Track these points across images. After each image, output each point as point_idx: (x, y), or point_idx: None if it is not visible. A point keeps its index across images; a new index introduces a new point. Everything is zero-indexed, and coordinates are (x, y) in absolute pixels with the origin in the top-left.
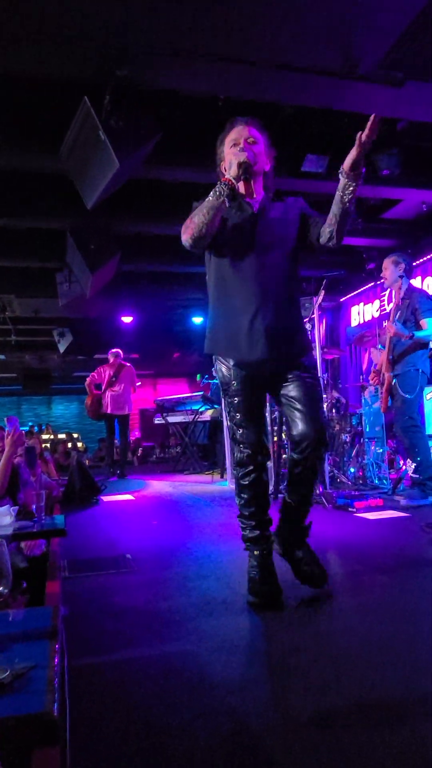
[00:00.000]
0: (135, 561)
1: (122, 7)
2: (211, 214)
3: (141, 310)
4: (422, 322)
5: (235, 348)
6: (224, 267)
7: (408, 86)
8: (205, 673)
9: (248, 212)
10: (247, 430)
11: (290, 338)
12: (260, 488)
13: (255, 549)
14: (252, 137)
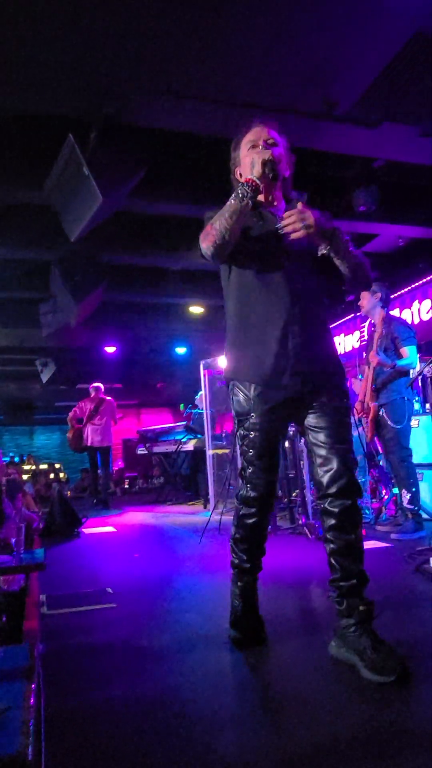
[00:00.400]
0: (116, 595)
1: (110, 48)
2: (234, 218)
3: (125, 340)
4: (402, 351)
5: (263, 372)
6: (248, 281)
7: (383, 127)
8: (186, 711)
9: (272, 221)
10: (259, 471)
11: (325, 358)
12: (258, 530)
13: (240, 579)
14: (272, 138)
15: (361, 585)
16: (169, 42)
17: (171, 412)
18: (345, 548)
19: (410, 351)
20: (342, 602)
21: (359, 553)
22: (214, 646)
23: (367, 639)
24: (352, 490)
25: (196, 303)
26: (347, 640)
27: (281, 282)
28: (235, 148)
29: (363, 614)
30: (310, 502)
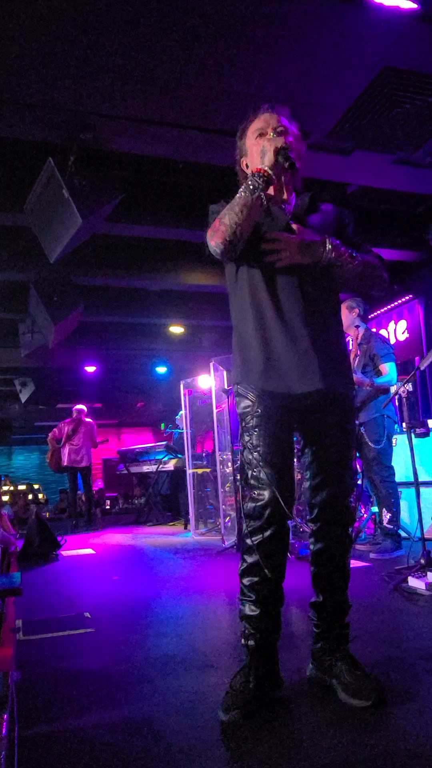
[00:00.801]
0: (94, 619)
1: (86, 78)
2: (245, 213)
3: (104, 359)
4: (382, 368)
5: (275, 377)
6: (257, 281)
7: (355, 154)
8: (162, 738)
9: (283, 217)
10: (266, 472)
11: (336, 365)
12: (272, 553)
13: (251, 636)
14: (282, 126)
15: (343, 613)
16: (145, 71)
17: (152, 431)
18: (330, 575)
19: (389, 368)
20: (320, 627)
21: (345, 580)
22: (192, 671)
23: (343, 663)
24: (345, 520)
25: (176, 323)
26: (324, 664)
27: (292, 283)
28: (240, 137)
29: (339, 638)
30: (290, 522)
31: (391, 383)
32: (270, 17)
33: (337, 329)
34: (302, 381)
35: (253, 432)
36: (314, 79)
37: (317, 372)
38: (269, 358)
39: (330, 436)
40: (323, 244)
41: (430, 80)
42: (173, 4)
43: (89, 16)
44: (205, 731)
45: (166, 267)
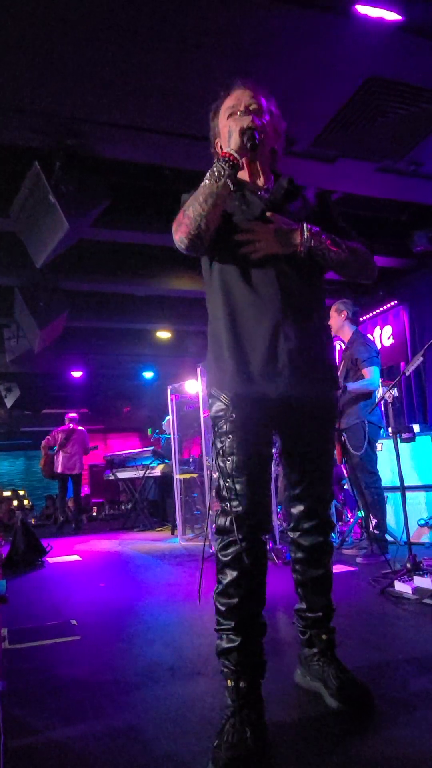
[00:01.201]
0: (80, 627)
1: (72, 85)
2: (210, 202)
3: (91, 365)
4: (364, 372)
5: (249, 381)
6: (232, 277)
7: (340, 162)
8: (151, 748)
9: (258, 204)
10: (240, 482)
11: (320, 366)
12: (250, 571)
13: (231, 677)
14: (255, 103)
15: (327, 617)
16: (134, 79)
17: (138, 436)
18: (312, 581)
19: (372, 372)
20: (306, 632)
21: (327, 585)
22: (179, 679)
23: (330, 667)
24: (325, 529)
25: (163, 328)
26: (311, 669)
27: (271, 278)
28: (213, 116)
29: (326, 643)
30: (278, 527)
31: (373, 387)
32: (257, 27)
33: (320, 327)
34: (278, 385)
35: (227, 438)
36: (300, 88)
37: (294, 375)
38: (242, 359)
39: (309, 445)
40: (301, 231)
41: (413, 90)
42: (162, 15)
43: (78, 24)
44: (194, 739)
45: (153, 272)
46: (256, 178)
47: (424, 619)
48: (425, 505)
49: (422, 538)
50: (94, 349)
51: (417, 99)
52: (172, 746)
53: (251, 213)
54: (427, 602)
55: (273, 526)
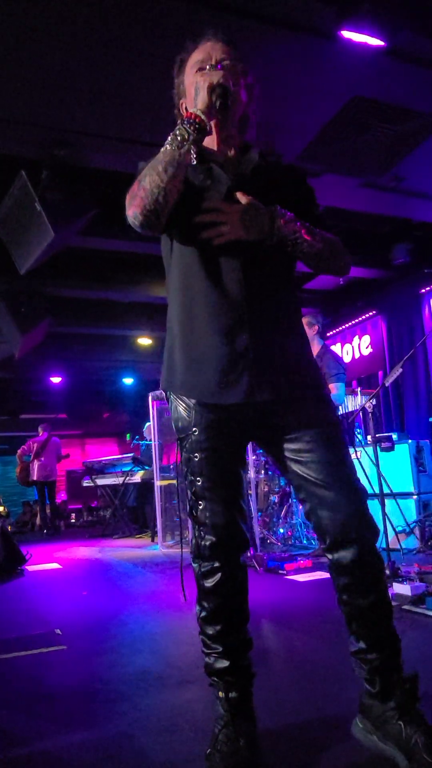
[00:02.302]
0: (65, 636)
1: (61, 97)
2: (171, 172)
3: (71, 370)
4: (331, 387)
5: (203, 384)
6: (192, 263)
7: (325, 177)
8: (143, 757)
9: (224, 180)
10: (214, 504)
11: (296, 362)
12: (231, 595)
13: (222, 689)
14: (228, 58)
15: (396, 654)
16: (122, 92)
17: (116, 442)
18: (369, 611)
19: (339, 387)
20: (374, 681)
21: (388, 612)
22: (169, 687)
23: (417, 732)
24: (369, 533)
25: (144, 335)
26: (385, 729)
27: (236, 265)
28: (178, 73)
29: (407, 695)
30: (258, 534)
31: (338, 401)
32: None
33: (294, 322)
34: (248, 384)
35: (193, 457)
36: (287, 104)
37: (267, 372)
38: (195, 360)
39: (312, 440)
40: (271, 216)
41: (395, 110)
42: (150, 32)
43: (67, 37)
44: (186, 746)
45: (136, 280)
46: (225, 147)
47: (404, 624)
48: (403, 511)
49: (400, 544)
50: (75, 354)
51: (399, 118)
52: (166, 753)
53: (217, 190)
54: (406, 608)
55: (254, 533)
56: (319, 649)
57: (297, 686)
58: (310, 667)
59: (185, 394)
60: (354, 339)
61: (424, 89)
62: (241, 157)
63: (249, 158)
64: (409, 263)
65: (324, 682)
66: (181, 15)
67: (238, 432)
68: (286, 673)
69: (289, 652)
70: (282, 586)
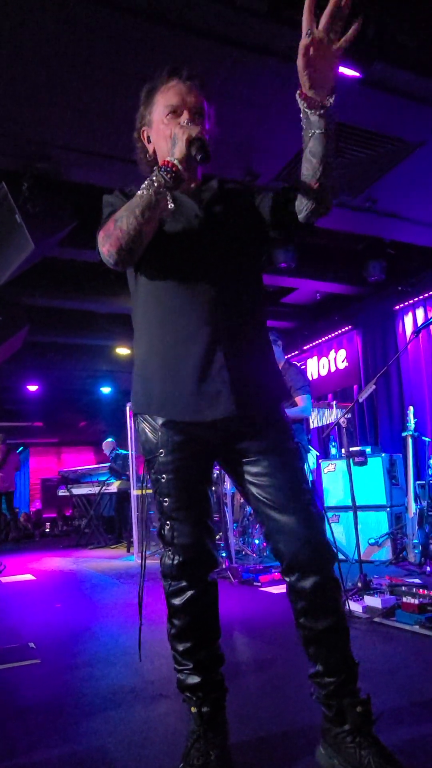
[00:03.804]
0: (39, 650)
1: (43, 111)
2: (147, 216)
3: (48, 379)
4: (297, 399)
5: (177, 404)
6: (159, 287)
7: None
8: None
9: (190, 207)
10: (182, 524)
11: (261, 384)
12: (201, 613)
13: (194, 704)
14: (200, 107)
15: (352, 679)
16: (102, 109)
17: (93, 451)
18: (324, 635)
19: (305, 399)
20: (331, 706)
21: (344, 637)
22: (142, 700)
23: (369, 752)
24: (325, 559)
25: (123, 345)
26: (342, 752)
27: (204, 288)
28: (146, 102)
29: (361, 718)
30: (233, 545)
31: (305, 413)
32: (225, 71)
33: (262, 343)
34: (213, 407)
35: (160, 478)
36: (265, 127)
37: (235, 395)
38: (173, 382)
39: (272, 465)
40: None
41: (370, 135)
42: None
43: (50, 55)
44: (158, 760)
45: (115, 291)
46: (189, 182)
47: (374, 637)
48: (375, 524)
49: (372, 556)
50: (52, 363)
51: (373, 143)
52: (139, 767)
53: (183, 215)
54: (377, 621)
55: (230, 544)
56: (291, 662)
57: (269, 698)
58: (282, 680)
59: (163, 415)
60: (330, 353)
61: (397, 116)
62: (203, 187)
63: (209, 187)
64: (384, 281)
65: (296, 694)
66: (162, 39)
67: (203, 453)
68: (258, 685)
69: (261, 665)
70: (256, 598)
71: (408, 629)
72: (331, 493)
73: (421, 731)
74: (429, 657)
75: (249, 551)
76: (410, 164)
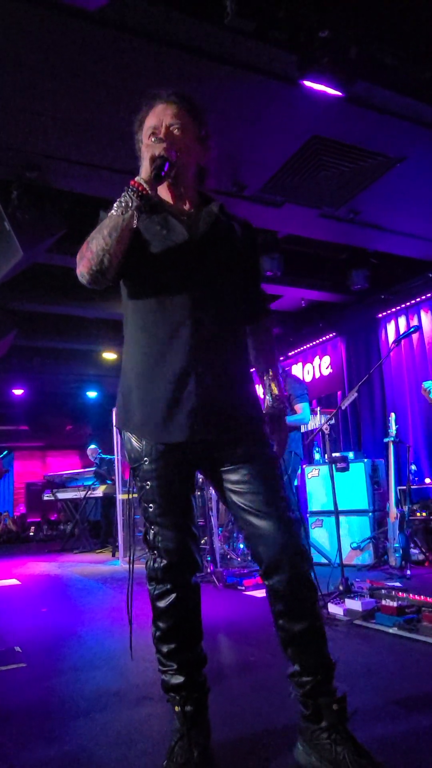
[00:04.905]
0: (25, 654)
1: (33, 122)
2: (115, 236)
3: (34, 383)
4: (296, 407)
5: (154, 427)
6: (146, 306)
7: (286, 207)
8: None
9: (179, 231)
10: (166, 530)
11: (240, 402)
12: (185, 615)
13: (177, 703)
14: (176, 123)
15: (328, 678)
16: (91, 120)
17: (79, 455)
18: (301, 637)
19: (303, 408)
20: (308, 704)
21: (320, 638)
22: (126, 703)
23: (344, 748)
24: (300, 564)
25: (109, 349)
26: (319, 749)
27: (186, 311)
28: (138, 129)
29: (336, 715)
30: (218, 549)
31: (304, 421)
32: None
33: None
34: (193, 421)
35: (145, 485)
36: (251, 140)
37: (212, 410)
38: (152, 402)
39: (250, 473)
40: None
41: (352, 149)
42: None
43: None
44: (142, 760)
45: (103, 296)
46: (179, 201)
47: (355, 638)
48: (358, 528)
49: (354, 560)
50: (39, 367)
51: (355, 157)
52: (123, 767)
53: (172, 239)
54: (357, 623)
55: (215, 548)
56: (272, 663)
57: (250, 699)
58: (263, 682)
59: (139, 435)
60: (315, 359)
61: (379, 132)
62: (200, 211)
63: (209, 211)
64: (367, 289)
65: (276, 694)
66: (149, 54)
67: (185, 462)
68: (240, 686)
69: (243, 667)
70: (240, 602)
71: (387, 631)
72: (314, 497)
73: (396, 728)
74: (406, 658)
75: (234, 555)
76: (391, 178)
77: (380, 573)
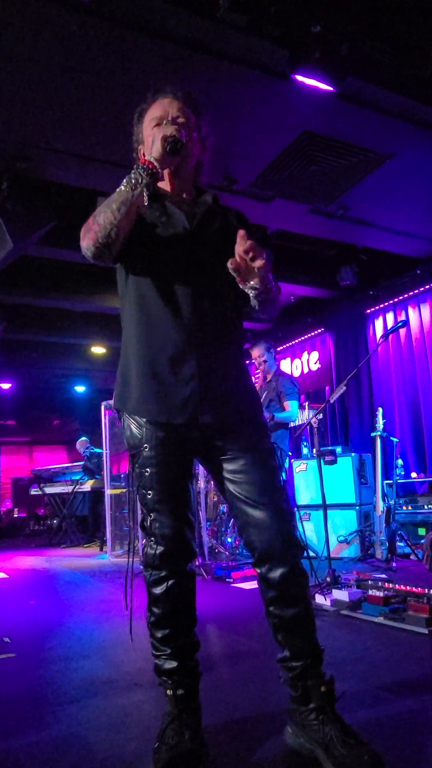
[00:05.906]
0: (14, 644)
1: (24, 113)
2: (123, 211)
3: (21, 376)
4: (286, 404)
5: (154, 405)
6: (145, 292)
7: (276, 202)
8: (93, 753)
9: (179, 218)
10: (163, 516)
11: (236, 389)
12: (180, 601)
13: (170, 687)
14: (183, 116)
15: (317, 662)
16: (83, 113)
17: (66, 450)
18: (292, 623)
19: (292, 405)
20: (297, 687)
21: (310, 624)
22: (117, 690)
23: (333, 729)
24: (293, 551)
25: (98, 344)
26: (308, 730)
27: (186, 296)
28: (137, 122)
29: (324, 697)
30: (206, 543)
31: (292, 419)
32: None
33: (236, 351)
34: (192, 408)
35: (144, 472)
36: (242, 135)
37: (209, 398)
38: (152, 382)
39: (246, 463)
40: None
41: (343, 145)
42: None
43: (31, 59)
44: (133, 743)
45: (91, 289)
46: (179, 190)
47: (341, 628)
48: (345, 522)
49: (341, 553)
50: (26, 361)
51: (346, 153)
52: (114, 750)
53: (172, 226)
54: (344, 613)
55: (203, 542)
56: (259, 652)
57: (239, 685)
58: (251, 668)
59: (137, 414)
60: (303, 354)
61: (369, 128)
62: (196, 199)
63: (203, 200)
64: (356, 285)
65: (264, 681)
66: (143, 47)
67: (184, 449)
68: (229, 673)
69: (232, 654)
70: (228, 594)
71: (373, 620)
72: (302, 491)
73: (381, 712)
74: (391, 646)
75: (222, 549)
76: (381, 174)
77: (367, 565)
